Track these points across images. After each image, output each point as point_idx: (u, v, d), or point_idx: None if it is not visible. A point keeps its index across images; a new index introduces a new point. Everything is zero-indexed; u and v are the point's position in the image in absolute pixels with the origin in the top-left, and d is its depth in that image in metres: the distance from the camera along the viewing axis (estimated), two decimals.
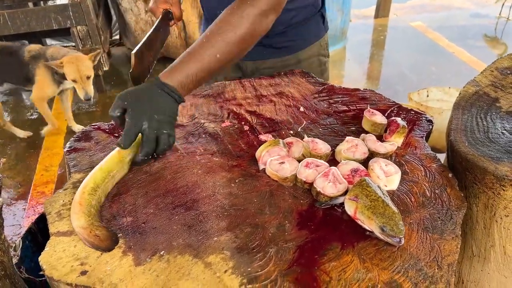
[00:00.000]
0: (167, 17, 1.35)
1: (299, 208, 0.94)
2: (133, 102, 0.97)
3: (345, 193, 0.94)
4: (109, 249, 0.84)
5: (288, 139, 1.08)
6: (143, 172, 1.04)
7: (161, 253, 0.83)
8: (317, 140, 1.09)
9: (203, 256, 0.83)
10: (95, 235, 0.85)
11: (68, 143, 1.13)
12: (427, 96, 2.29)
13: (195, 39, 1.17)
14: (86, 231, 0.85)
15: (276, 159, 1.02)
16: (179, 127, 1.20)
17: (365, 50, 4.61)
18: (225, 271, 0.79)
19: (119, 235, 0.87)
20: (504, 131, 1.08)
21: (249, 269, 0.80)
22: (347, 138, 1.08)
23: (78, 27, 3.47)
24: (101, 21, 3.75)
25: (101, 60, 3.63)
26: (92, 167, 1.04)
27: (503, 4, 5.06)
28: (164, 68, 1.04)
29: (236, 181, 1.01)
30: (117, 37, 4.69)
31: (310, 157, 1.04)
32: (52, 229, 0.89)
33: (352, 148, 1.05)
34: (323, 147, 1.07)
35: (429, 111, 1.96)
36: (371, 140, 1.08)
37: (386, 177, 0.98)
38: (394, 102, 1.29)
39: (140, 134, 0.98)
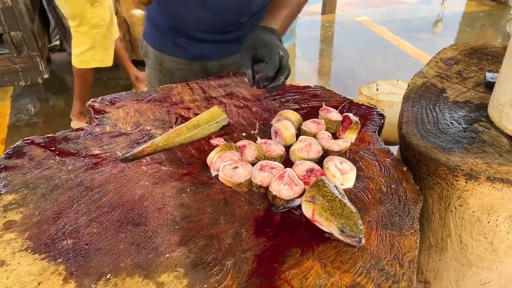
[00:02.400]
0: None
1: (256, 214, 0.89)
2: (261, 45, 1.11)
3: (302, 194, 0.91)
4: None
5: (240, 142, 1.04)
6: (84, 188, 0.95)
7: (107, 276, 0.76)
8: (270, 141, 1.05)
9: (154, 275, 0.76)
10: None
11: None
12: (377, 89, 2.32)
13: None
14: None
15: (229, 164, 0.96)
16: (122, 136, 1.12)
17: (314, 46, 4.66)
18: None
19: (58, 260, 0.79)
20: (453, 121, 1.09)
21: (205, 285, 0.74)
22: (301, 137, 1.05)
23: (12, 33, 3.24)
24: (37, 26, 3.53)
25: (40, 68, 3.42)
26: (26, 186, 0.94)
27: None
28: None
29: (188, 190, 0.95)
30: (58, 42, 4.44)
31: (264, 159, 1.00)
32: None
33: (306, 147, 1.02)
34: (277, 148, 1.03)
35: (380, 105, 1.99)
36: (324, 138, 1.06)
37: (342, 175, 0.95)
38: (345, 97, 1.28)
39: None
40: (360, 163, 1.02)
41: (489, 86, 1.21)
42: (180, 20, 1.36)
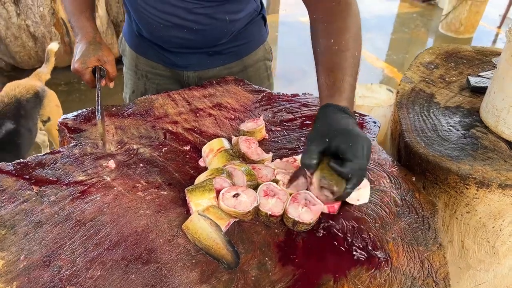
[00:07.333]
0: (99, 74, 1.11)
1: (276, 239, 0.82)
2: (340, 134, 0.79)
3: (321, 213, 0.86)
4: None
5: (229, 167, 0.93)
6: (74, 222, 0.83)
7: None
8: (259, 165, 0.96)
9: None
10: None
11: None
12: None
13: None
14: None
15: (227, 192, 0.87)
16: (107, 157, 0.99)
17: None
18: None
19: None
20: (450, 127, 1.10)
21: None
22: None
23: None
24: None
25: None
26: (2, 225, 0.80)
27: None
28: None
29: None
30: None
31: (256, 181, 0.92)
32: None
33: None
34: (268, 173, 0.94)
35: (358, 109, 1.98)
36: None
37: (357, 191, 0.91)
38: None
39: None
40: (369, 175, 0.99)
41: (475, 91, 1.23)
42: (160, 37, 1.25)
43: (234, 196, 0.86)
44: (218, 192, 0.87)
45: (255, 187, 0.90)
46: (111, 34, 3.62)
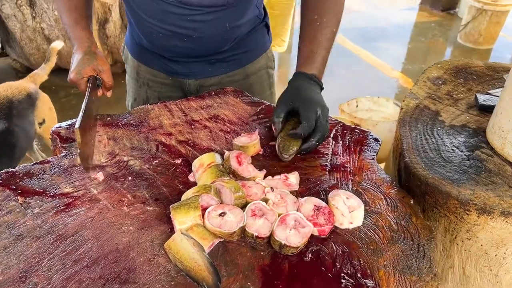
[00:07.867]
0: (95, 84, 1.10)
1: (261, 262, 0.79)
2: (300, 99, 1.04)
3: (311, 237, 0.82)
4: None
5: (218, 184, 0.90)
6: (56, 236, 0.81)
7: None
8: (249, 182, 0.93)
9: None
10: None
11: None
12: (357, 106, 2.29)
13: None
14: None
15: (213, 210, 0.84)
16: (96, 169, 0.97)
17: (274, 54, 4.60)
18: None
19: None
20: (454, 148, 1.05)
21: None
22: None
23: None
24: None
25: None
26: None
27: None
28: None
29: None
30: None
31: (245, 200, 0.88)
32: None
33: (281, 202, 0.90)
34: (258, 191, 0.91)
35: (363, 124, 1.94)
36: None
37: (350, 213, 0.87)
38: (337, 120, 1.20)
39: None
40: (365, 196, 0.95)
41: (483, 109, 1.18)
42: (161, 46, 1.26)
43: (220, 215, 0.83)
44: (204, 209, 0.84)
45: (244, 206, 0.87)
46: None
